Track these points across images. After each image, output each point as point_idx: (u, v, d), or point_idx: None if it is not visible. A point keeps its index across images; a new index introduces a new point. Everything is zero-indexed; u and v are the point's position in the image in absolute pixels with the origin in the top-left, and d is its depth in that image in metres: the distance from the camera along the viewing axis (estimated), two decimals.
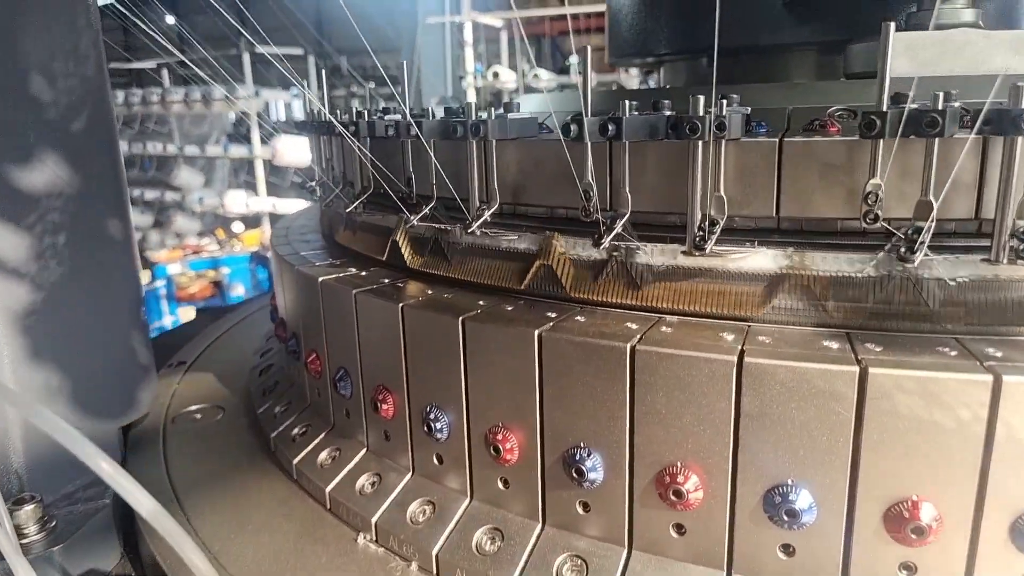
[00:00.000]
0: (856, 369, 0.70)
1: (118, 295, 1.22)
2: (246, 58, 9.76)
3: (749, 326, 0.82)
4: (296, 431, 1.20)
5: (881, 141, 0.74)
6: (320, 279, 1.11)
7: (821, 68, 1.45)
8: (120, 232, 1.21)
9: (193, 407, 1.41)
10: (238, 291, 7.76)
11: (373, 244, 1.20)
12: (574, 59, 9.87)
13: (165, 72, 10.20)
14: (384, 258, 1.16)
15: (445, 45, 10.70)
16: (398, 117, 1.14)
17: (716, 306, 0.84)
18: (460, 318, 0.89)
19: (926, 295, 0.77)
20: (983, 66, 1.20)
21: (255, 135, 9.05)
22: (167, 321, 7.18)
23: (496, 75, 9.48)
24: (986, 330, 0.76)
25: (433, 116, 1.05)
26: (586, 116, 0.84)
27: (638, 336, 0.80)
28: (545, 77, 9.66)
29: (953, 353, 0.72)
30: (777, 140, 0.81)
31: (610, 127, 0.82)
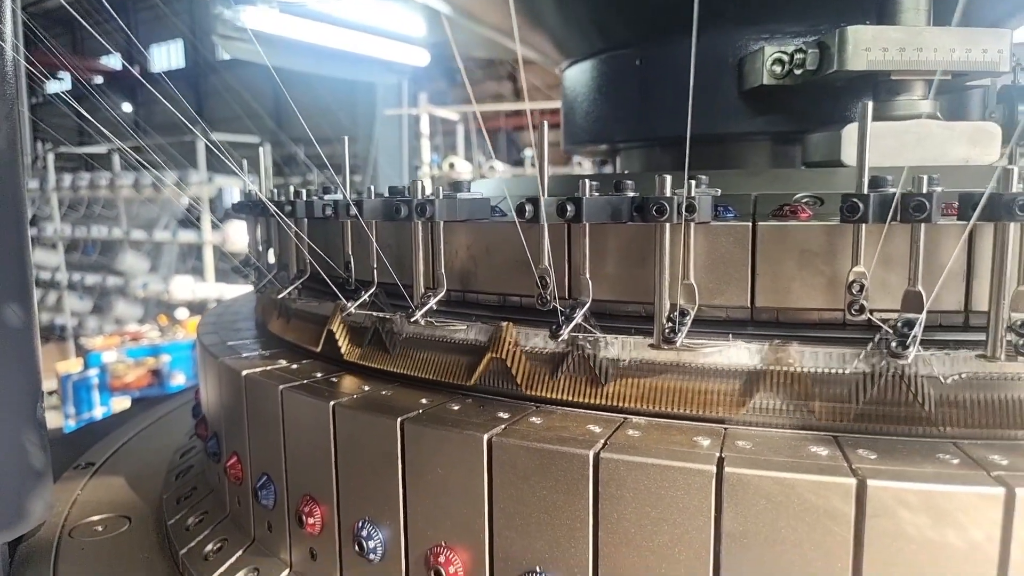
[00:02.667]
0: (853, 481, 0.61)
1: (11, 389, 1.07)
2: (200, 145, 9.73)
3: (726, 429, 0.73)
4: (210, 547, 1.04)
5: (864, 226, 0.68)
6: (244, 372, 0.98)
7: (777, 157, 1.43)
8: (19, 318, 1.07)
9: (96, 517, 1.23)
10: (178, 380, 7.40)
11: (308, 334, 1.09)
12: (529, 151, 10.12)
13: (116, 157, 10.09)
14: (319, 349, 1.04)
15: (402, 136, 10.89)
16: (339, 196, 1.05)
17: (688, 406, 0.75)
18: (399, 420, 0.78)
19: (919, 394, 0.70)
20: (943, 157, 1.19)
21: (205, 220, 8.90)
22: (98, 412, 6.77)
23: (452, 166, 9.60)
24: (985, 433, 0.69)
25: (375, 195, 0.97)
26: (543, 196, 0.77)
27: (602, 441, 0.70)
28: (501, 168, 9.82)
29: (955, 461, 0.64)
30: (750, 224, 0.75)
31: (569, 208, 0.75)
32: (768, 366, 0.73)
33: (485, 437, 0.73)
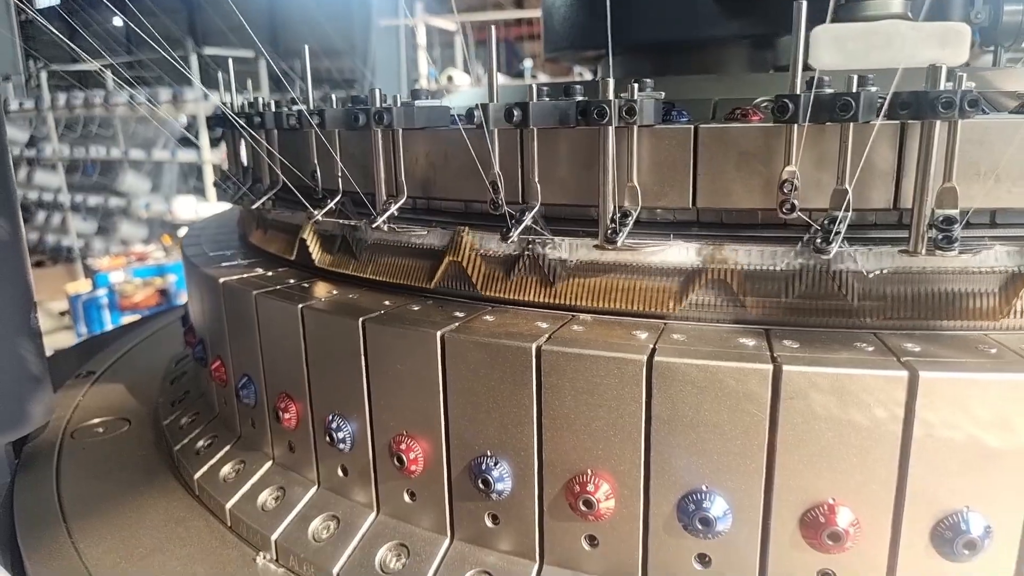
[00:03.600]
0: (769, 367, 0.65)
1: (3, 301, 1.12)
2: (194, 60, 9.52)
3: (665, 323, 0.78)
4: (201, 444, 1.12)
5: (795, 126, 0.70)
6: (221, 280, 1.03)
7: (753, 62, 1.43)
8: (6, 232, 1.11)
9: (96, 420, 1.31)
10: (185, 299, 7.52)
11: (283, 243, 1.13)
12: (528, 63, 9.87)
13: (109, 74, 9.89)
14: (293, 258, 1.09)
15: (400, 48, 10.60)
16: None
17: (631, 303, 0.80)
18: (360, 320, 0.83)
19: (844, 289, 0.74)
20: (911, 58, 1.18)
21: (204, 139, 8.82)
22: None
23: (450, 78, 9.40)
24: (906, 324, 0.73)
25: (338, 105, 0.99)
26: (492, 101, 0.79)
27: (546, 336, 0.75)
28: (501, 81, 9.61)
29: (870, 349, 0.68)
30: (692, 127, 0.77)
31: (515, 113, 0.77)
32: (705, 264, 0.77)
33: (439, 333, 0.78)
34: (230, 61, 1.21)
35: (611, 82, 0.74)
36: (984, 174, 0.72)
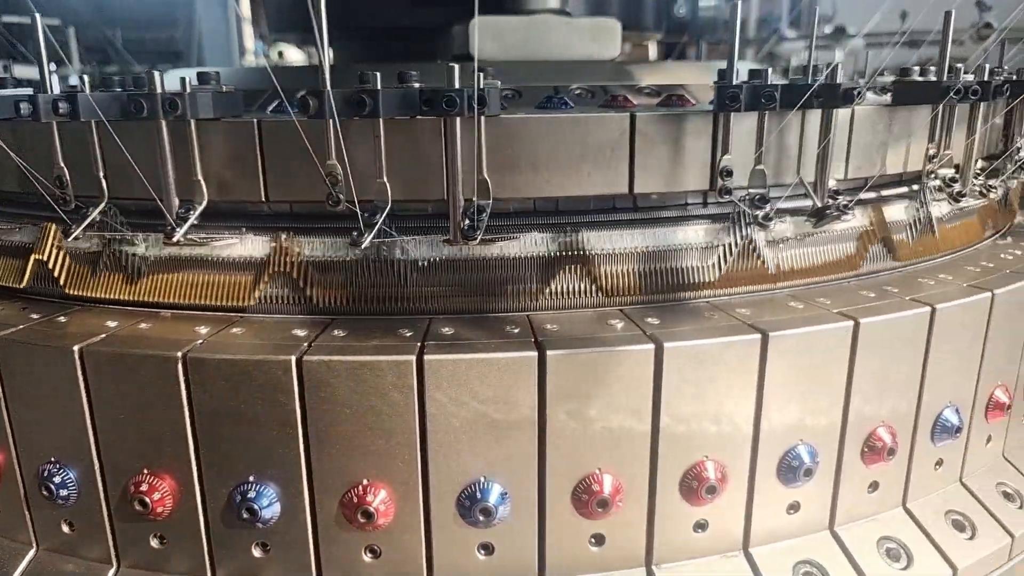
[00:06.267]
0: (292, 358, 0.67)
1: None
2: None
3: (241, 316, 0.78)
4: None
5: (331, 122, 0.72)
6: None
7: (439, 51, 1.45)
8: None
9: None
10: None
11: None
12: None
13: None
14: None
15: (229, 20, 10.01)
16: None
17: (207, 297, 0.79)
18: None
19: (401, 277, 0.77)
20: (566, 51, 1.25)
21: None
22: None
23: (280, 54, 9.00)
24: (461, 308, 0.78)
25: None
26: (44, 92, 0.75)
27: (100, 336, 0.73)
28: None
29: (409, 334, 0.72)
30: (254, 121, 0.77)
31: (62, 105, 0.73)
32: (275, 257, 0.78)
33: None
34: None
35: (158, 75, 0.73)
36: (523, 166, 0.77)
